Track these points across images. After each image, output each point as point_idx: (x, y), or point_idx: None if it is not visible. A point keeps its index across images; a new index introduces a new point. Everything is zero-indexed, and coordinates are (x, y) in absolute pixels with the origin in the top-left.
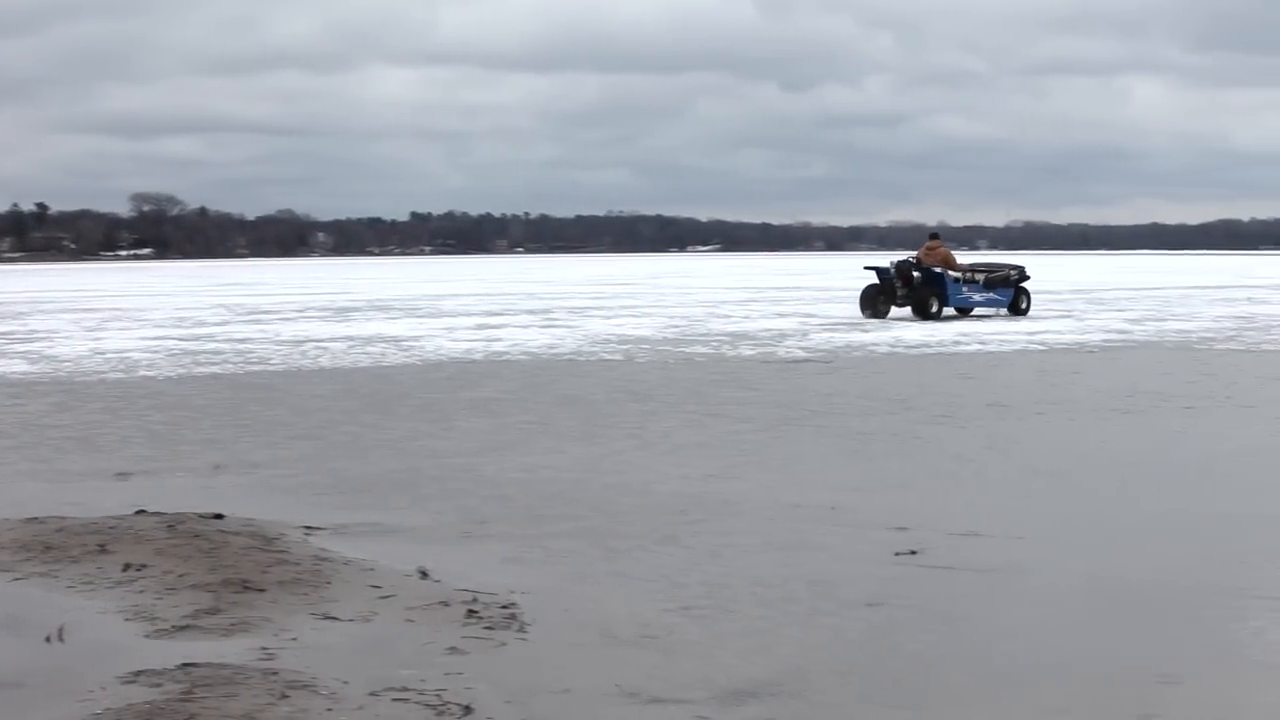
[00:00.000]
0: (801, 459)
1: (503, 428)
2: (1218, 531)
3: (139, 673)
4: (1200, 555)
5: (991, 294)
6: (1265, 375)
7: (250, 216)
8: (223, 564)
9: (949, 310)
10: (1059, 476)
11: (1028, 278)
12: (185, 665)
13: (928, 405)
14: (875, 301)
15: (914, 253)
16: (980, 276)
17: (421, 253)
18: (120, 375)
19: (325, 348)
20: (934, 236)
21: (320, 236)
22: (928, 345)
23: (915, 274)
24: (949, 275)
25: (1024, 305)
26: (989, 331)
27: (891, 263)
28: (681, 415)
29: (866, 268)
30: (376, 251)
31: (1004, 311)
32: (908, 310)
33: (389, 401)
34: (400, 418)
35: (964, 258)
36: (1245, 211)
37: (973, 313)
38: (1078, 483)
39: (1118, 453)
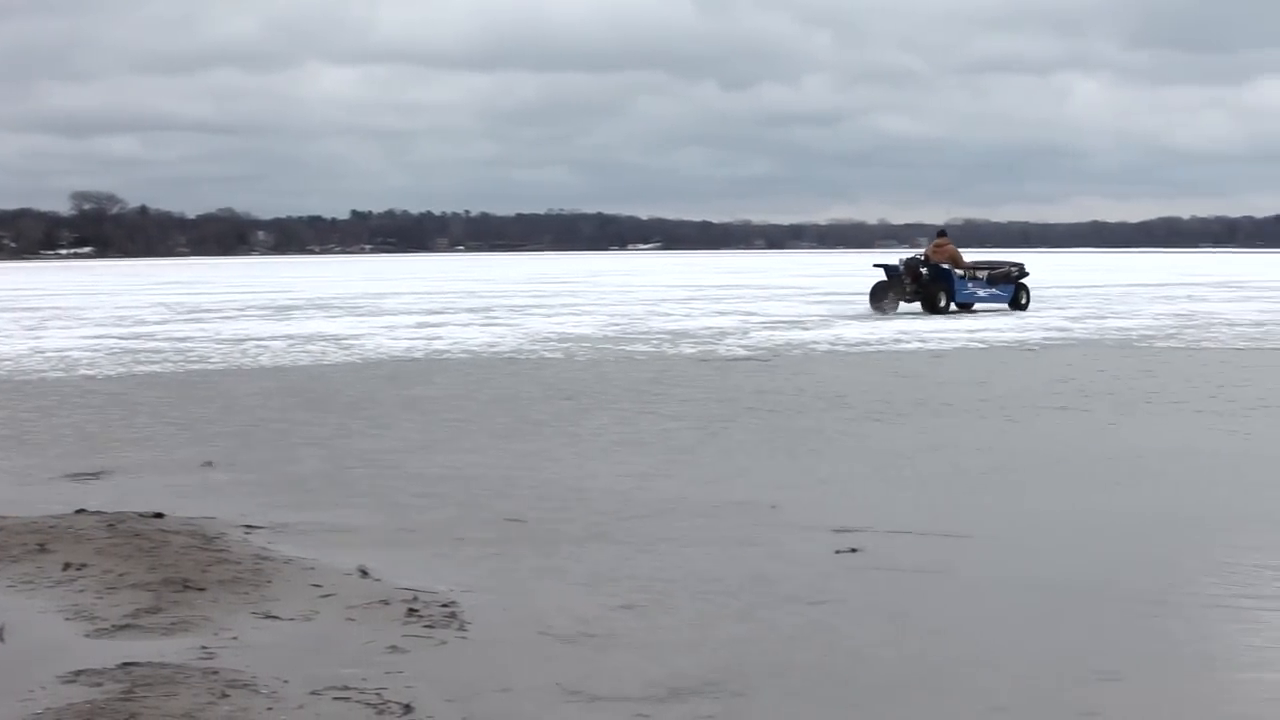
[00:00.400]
0: (739, 456)
1: (438, 425)
2: (1152, 529)
3: (79, 672)
4: (1136, 553)
5: (994, 290)
6: (1202, 373)
7: (191, 215)
8: (163, 563)
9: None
10: (996, 474)
11: (1027, 274)
12: (126, 665)
13: (865, 403)
14: (884, 297)
15: (920, 250)
16: (983, 273)
17: (362, 251)
18: (60, 374)
19: (265, 346)
20: (941, 234)
21: (261, 235)
22: (868, 343)
23: (923, 271)
24: (956, 272)
25: (1024, 301)
26: (929, 330)
27: (901, 260)
28: (617, 413)
29: (876, 265)
30: (317, 250)
31: (1005, 307)
32: (913, 306)
33: (328, 400)
34: (340, 416)
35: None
36: (1185, 209)
37: (974, 308)
38: (1015, 480)
39: (1054, 450)
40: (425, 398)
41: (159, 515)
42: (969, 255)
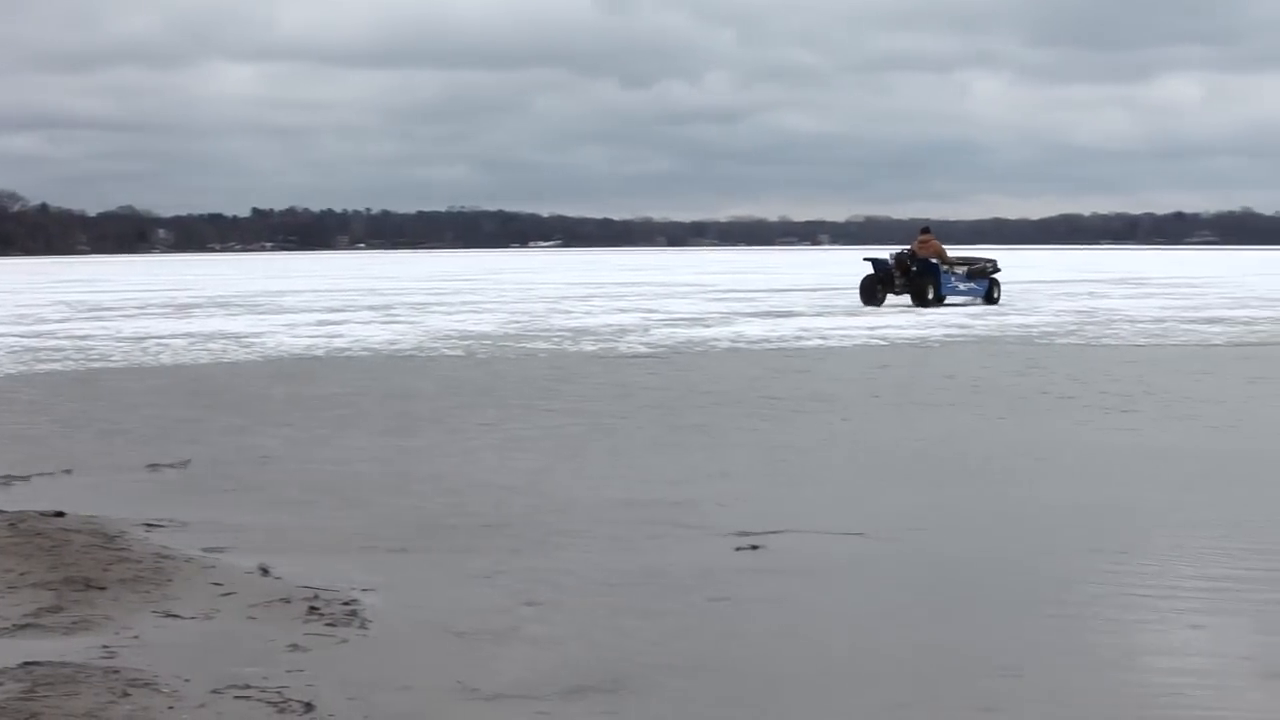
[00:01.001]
0: (638, 453)
1: (337, 423)
2: (1048, 522)
3: None
4: (1034, 546)
5: (972, 284)
6: (1101, 370)
7: (92, 213)
8: (64, 562)
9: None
10: (893, 469)
11: (999, 270)
12: (26, 664)
13: (764, 400)
14: (874, 291)
15: (905, 246)
16: (963, 269)
17: (263, 249)
18: None
19: (166, 344)
20: (925, 231)
21: (162, 233)
22: (768, 341)
23: (911, 266)
24: (941, 267)
25: (995, 295)
26: (830, 327)
27: (891, 255)
28: (514, 410)
29: (866, 259)
30: (218, 248)
31: (979, 300)
32: (902, 299)
33: (228, 398)
34: (240, 414)
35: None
36: (1086, 206)
37: (950, 300)
38: (912, 475)
39: (950, 446)
40: (325, 395)
41: (60, 514)
42: (965, 252)
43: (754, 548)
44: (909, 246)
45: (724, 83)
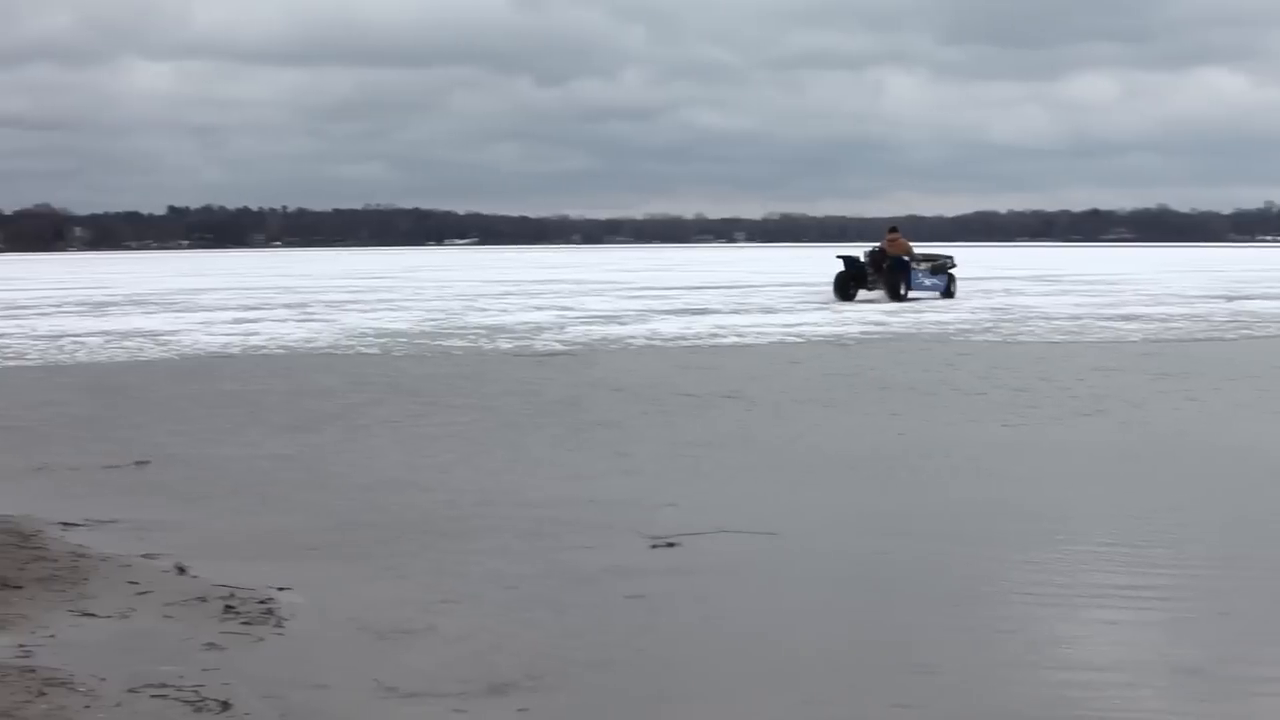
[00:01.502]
0: (553, 451)
1: (251, 421)
2: (958, 520)
3: None
4: (944, 544)
5: (935, 280)
6: (1013, 367)
7: (8, 211)
8: None
9: (867, 294)
10: (803, 467)
11: (955, 266)
12: None
13: (674, 397)
14: (847, 286)
15: (876, 244)
16: (926, 265)
17: (180, 247)
18: None
19: (82, 343)
20: (894, 230)
21: (78, 231)
22: (684, 338)
23: (884, 263)
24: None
25: (953, 289)
26: (746, 325)
27: (865, 252)
28: (432, 408)
29: (839, 256)
30: (135, 246)
31: (939, 295)
32: (867, 294)
33: (143, 396)
34: (155, 413)
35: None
36: (1003, 204)
37: (912, 295)
38: (822, 473)
39: (860, 443)
40: (239, 393)
41: None
42: (926, 250)
43: (670, 545)
44: (880, 244)
45: (639, 80)
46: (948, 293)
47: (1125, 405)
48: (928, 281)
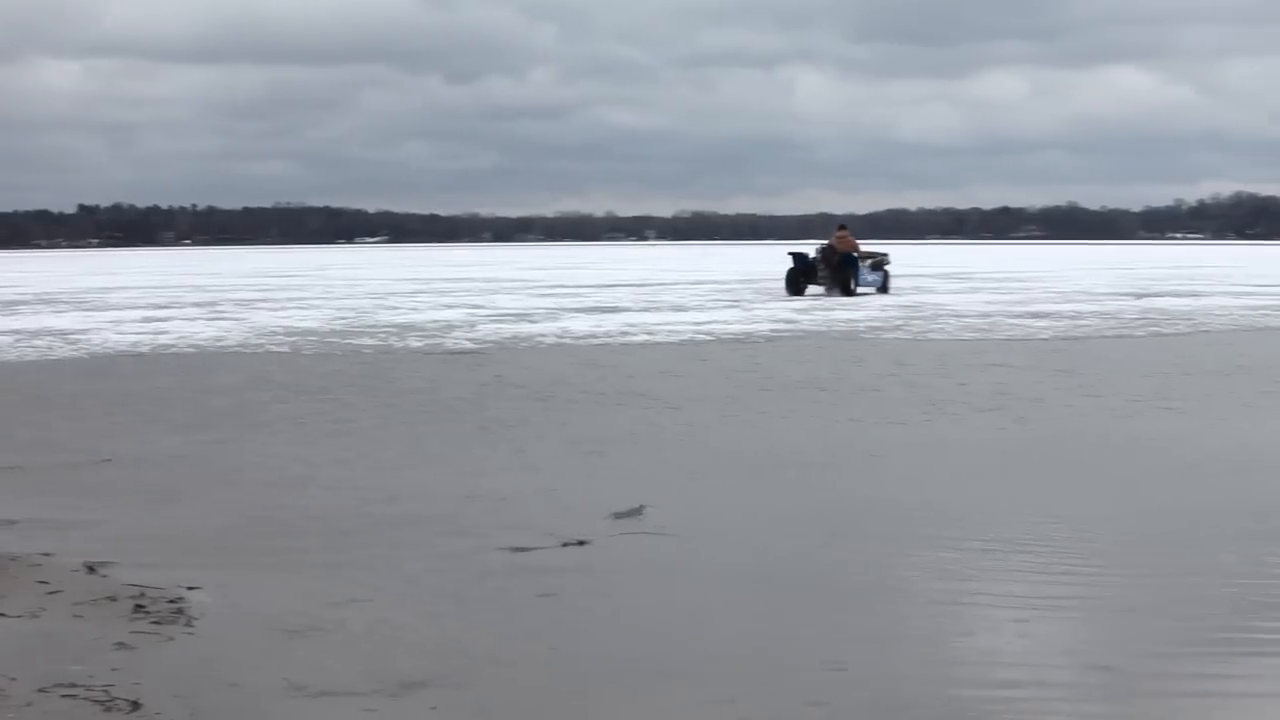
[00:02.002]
0: (461, 448)
1: (158, 419)
2: (864, 517)
3: None
4: (851, 541)
5: (874, 275)
6: (920, 364)
7: None
8: None
9: (814, 289)
10: (710, 465)
11: (890, 262)
12: None
13: (583, 395)
14: (798, 282)
15: (825, 241)
16: (868, 261)
17: (90, 246)
18: None
19: None
20: (842, 228)
21: None
22: (594, 336)
23: (834, 258)
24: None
25: (888, 285)
26: (656, 323)
27: (817, 249)
28: (341, 407)
29: (790, 254)
30: (44, 244)
31: (876, 290)
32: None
33: (49, 395)
34: (62, 411)
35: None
36: (912, 201)
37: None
38: (729, 471)
39: (765, 441)
40: (146, 392)
41: None
42: (865, 247)
43: (580, 543)
44: (830, 241)
45: (549, 79)
46: (884, 288)
47: (1024, 402)
48: (869, 277)
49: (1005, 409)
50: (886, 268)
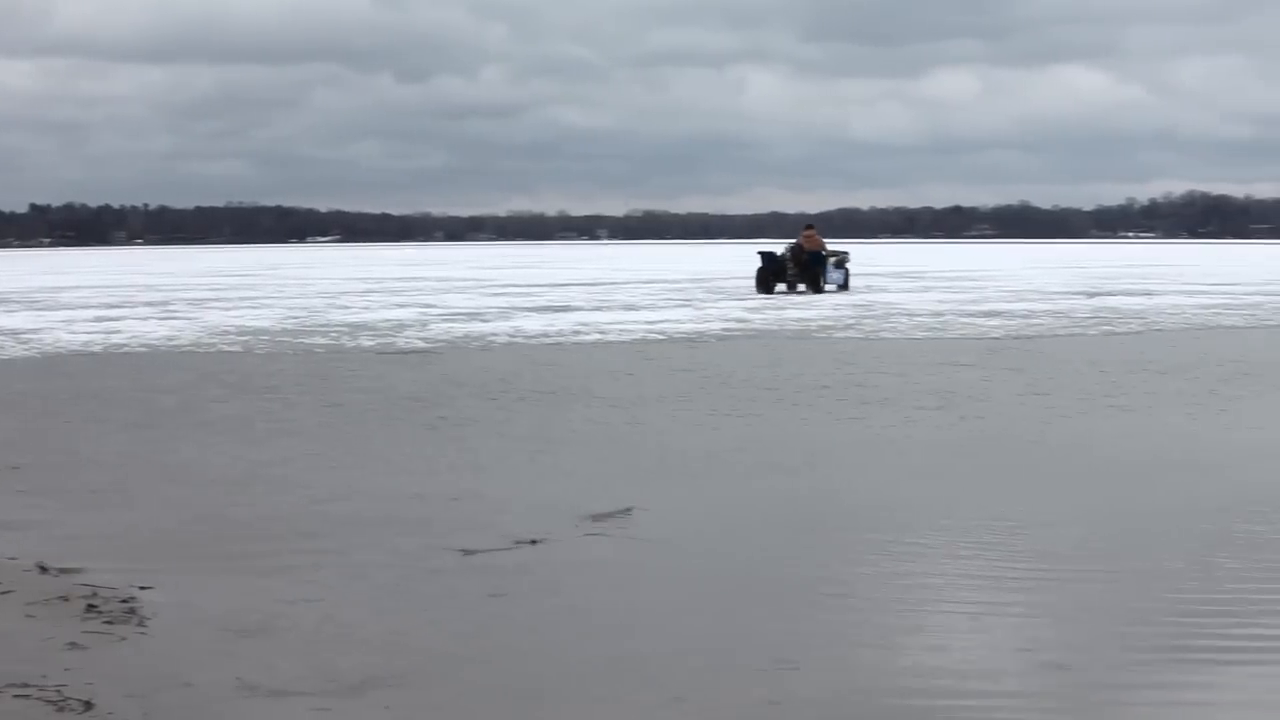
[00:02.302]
0: (412, 449)
1: (110, 420)
2: (814, 515)
3: None
4: (803, 539)
5: (837, 273)
6: (872, 364)
7: None
8: None
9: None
10: (659, 464)
11: (850, 260)
12: None
13: (531, 394)
14: (768, 280)
15: (793, 240)
16: (833, 259)
17: (41, 245)
18: None
19: None
20: (809, 227)
21: None
22: (546, 335)
23: (803, 256)
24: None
25: (848, 283)
26: (608, 322)
27: (786, 248)
28: (291, 406)
29: (759, 253)
30: None
31: (836, 288)
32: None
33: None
34: (12, 411)
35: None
36: (865, 200)
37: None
38: (678, 469)
39: (714, 440)
40: (96, 391)
41: None
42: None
43: (533, 543)
44: (798, 240)
45: (499, 78)
46: (845, 285)
47: (973, 400)
48: (833, 275)
49: (955, 407)
50: (847, 265)
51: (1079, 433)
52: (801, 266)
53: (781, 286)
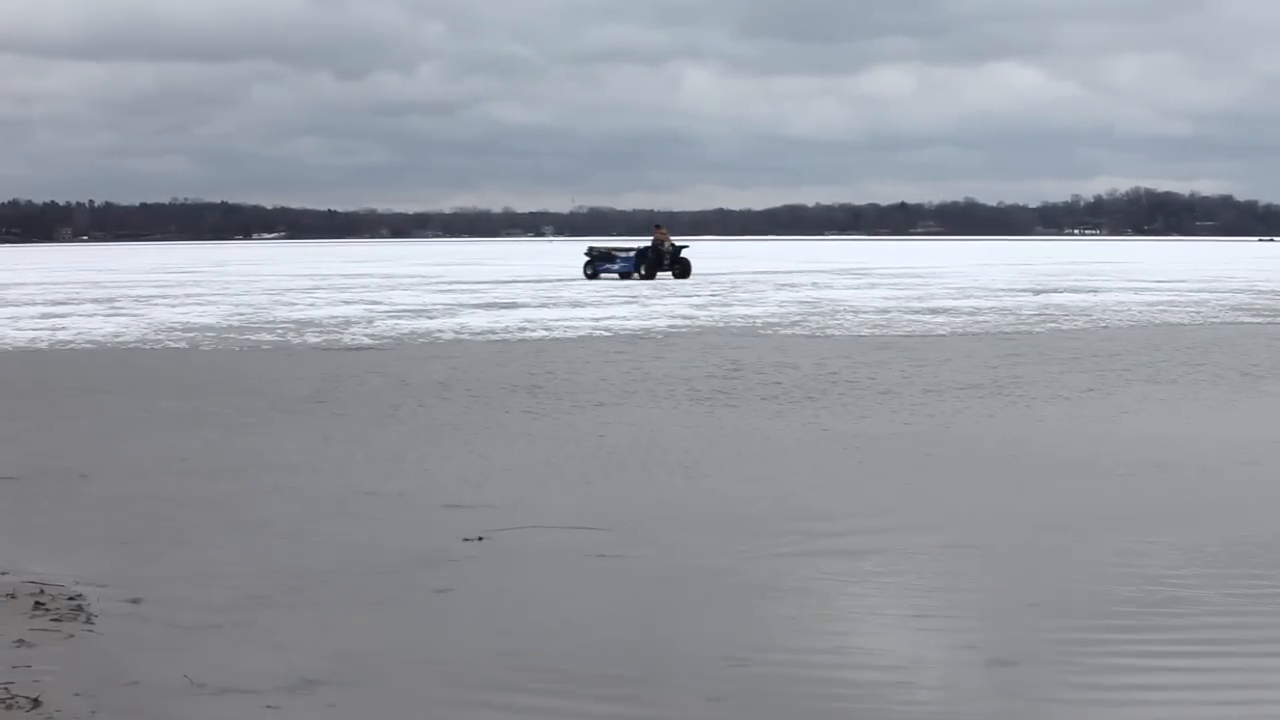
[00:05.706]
0: (360, 445)
1: (52, 417)
2: (756, 515)
3: None
4: (749, 540)
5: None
6: (815, 361)
7: None
8: None
9: (606, 279)
10: (601, 462)
11: (687, 247)
12: None
13: (477, 391)
14: (653, 268)
15: (652, 237)
16: (682, 251)
17: None
18: None
19: None
20: (659, 226)
21: None
22: (492, 332)
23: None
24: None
25: (688, 271)
26: (554, 319)
27: (651, 245)
28: (233, 402)
29: (635, 248)
30: None
31: (671, 276)
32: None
33: None
34: None
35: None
36: (809, 197)
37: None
38: (619, 467)
39: (656, 437)
40: (40, 387)
41: None
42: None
43: (480, 539)
44: (655, 237)
45: (437, 74)
46: (686, 274)
47: (918, 393)
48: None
49: (900, 405)
50: (684, 254)
51: (1023, 430)
52: (674, 259)
53: (610, 275)
